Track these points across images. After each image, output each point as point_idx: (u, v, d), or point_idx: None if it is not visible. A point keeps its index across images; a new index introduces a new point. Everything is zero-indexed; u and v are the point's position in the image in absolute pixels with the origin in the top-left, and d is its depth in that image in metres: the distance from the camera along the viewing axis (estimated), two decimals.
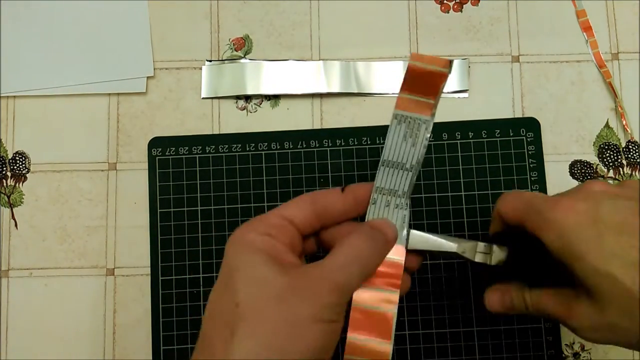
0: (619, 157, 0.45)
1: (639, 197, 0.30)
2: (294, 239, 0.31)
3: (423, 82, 0.32)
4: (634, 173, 0.44)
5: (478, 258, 0.33)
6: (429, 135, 0.32)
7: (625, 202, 0.30)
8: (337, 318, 0.29)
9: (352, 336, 0.30)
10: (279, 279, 0.29)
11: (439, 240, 0.33)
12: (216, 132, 0.45)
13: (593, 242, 0.29)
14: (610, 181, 0.44)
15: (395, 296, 0.31)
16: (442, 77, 0.31)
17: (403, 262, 0.32)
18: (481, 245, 0.33)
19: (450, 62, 0.31)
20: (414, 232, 0.33)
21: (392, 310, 0.31)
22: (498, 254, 0.33)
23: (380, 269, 0.31)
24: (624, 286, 0.28)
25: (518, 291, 0.33)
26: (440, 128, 0.44)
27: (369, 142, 0.44)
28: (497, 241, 0.33)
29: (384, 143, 0.44)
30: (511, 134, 0.44)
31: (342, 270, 0.29)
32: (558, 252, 0.30)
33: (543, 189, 0.43)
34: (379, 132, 0.44)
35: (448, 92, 0.45)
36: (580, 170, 0.44)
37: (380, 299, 0.31)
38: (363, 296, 0.31)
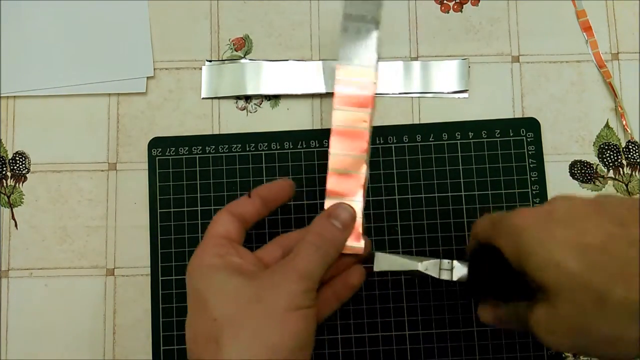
0: (619, 157, 0.45)
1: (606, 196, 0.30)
2: (239, 250, 0.34)
3: None
4: (634, 173, 0.44)
5: (443, 275, 0.34)
6: None
7: (581, 199, 0.30)
8: (310, 303, 0.31)
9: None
10: (248, 285, 0.31)
11: (403, 261, 0.34)
12: (216, 132, 0.45)
13: (543, 236, 0.28)
14: (611, 182, 0.44)
15: (369, 113, 0.35)
16: None
17: (375, 82, 0.36)
18: (445, 262, 0.34)
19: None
20: (379, 253, 0.34)
21: (366, 128, 0.35)
22: (460, 270, 0.33)
23: (353, 90, 0.35)
24: (571, 272, 0.27)
25: (507, 306, 0.33)
26: (440, 128, 0.44)
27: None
28: (472, 257, 0.34)
29: (384, 143, 0.44)
30: (511, 134, 0.44)
31: (304, 259, 0.31)
32: (513, 256, 0.30)
33: (543, 188, 0.43)
34: (379, 132, 0.44)
35: (448, 92, 0.45)
36: (580, 170, 0.44)
37: (354, 118, 0.35)
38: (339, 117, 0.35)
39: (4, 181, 0.45)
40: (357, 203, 0.35)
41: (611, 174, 0.44)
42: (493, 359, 0.42)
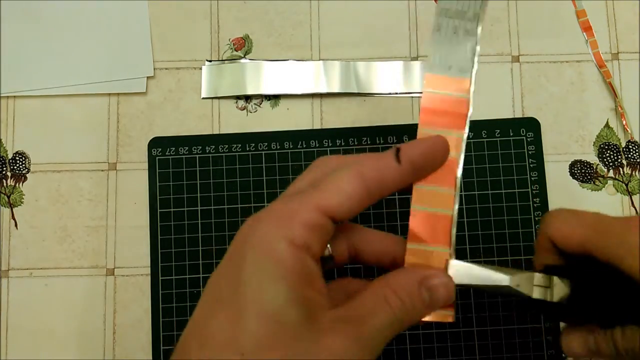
0: (619, 157, 0.45)
1: None
2: (326, 243, 0.25)
3: None
4: (634, 173, 0.44)
5: (536, 293, 0.27)
6: None
7: None
8: None
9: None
10: (303, 328, 0.22)
11: (488, 273, 0.27)
12: (216, 132, 0.45)
13: None
14: (611, 182, 0.44)
15: (461, 137, 0.28)
16: None
17: (470, 99, 0.28)
18: (538, 277, 0.27)
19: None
20: (455, 262, 0.27)
21: (456, 155, 0.27)
22: (560, 288, 0.27)
23: (444, 107, 0.28)
24: None
25: (605, 331, 0.27)
26: None
27: (369, 142, 0.44)
28: (553, 273, 0.28)
29: (384, 143, 0.44)
30: (511, 134, 0.44)
31: (375, 325, 0.23)
32: None
33: (543, 188, 0.43)
34: (379, 132, 0.44)
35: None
36: (580, 170, 0.44)
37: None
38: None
39: (4, 181, 0.45)
40: (444, 254, 0.27)
41: (611, 173, 0.44)
42: (493, 359, 0.42)
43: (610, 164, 0.44)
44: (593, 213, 0.28)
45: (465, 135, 0.28)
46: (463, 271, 0.27)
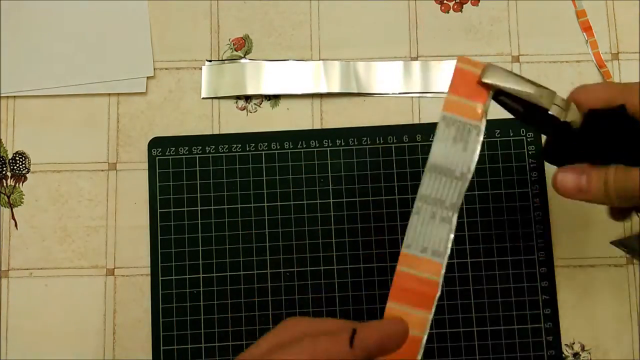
0: None
1: None
2: None
3: (470, 85, 0.31)
4: None
5: (553, 110, 0.29)
6: (480, 140, 0.30)
7: None
8: None
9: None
10: None
11: (519, 80, 0.30)
12: (216, 132, 0.45)
13: None
14: None
15: (426, 317, 0.29)
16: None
17: (440, 282, 0.29)
18: (559, 98, 0.30)
19: (486, 66, 0.30)
20: (491, 64, 0.30)
21: (420, 334, 0.29)
22: (574, 113, 0.30)
23: (414, 286, 0.29)
24: None
25: (599, 170, 0.29)
26: None
27: (369, 142, 0.44)
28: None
29: (384, 143, 0.44)
30: (511, 134, 0.44)
31: None
32: None
33: (543, 188, 0.43)
34: (379, 132, 0.44)
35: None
36: None
37: (410, 320, 0.29)
38: (393, 314, 0.29)
39: (4, 181, 0.45)
40: None
41: None
42: (493, 359, 0.42)
43: None
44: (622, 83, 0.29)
45: (431, 317, 0.29)
46: (496, 73, 0.30)
